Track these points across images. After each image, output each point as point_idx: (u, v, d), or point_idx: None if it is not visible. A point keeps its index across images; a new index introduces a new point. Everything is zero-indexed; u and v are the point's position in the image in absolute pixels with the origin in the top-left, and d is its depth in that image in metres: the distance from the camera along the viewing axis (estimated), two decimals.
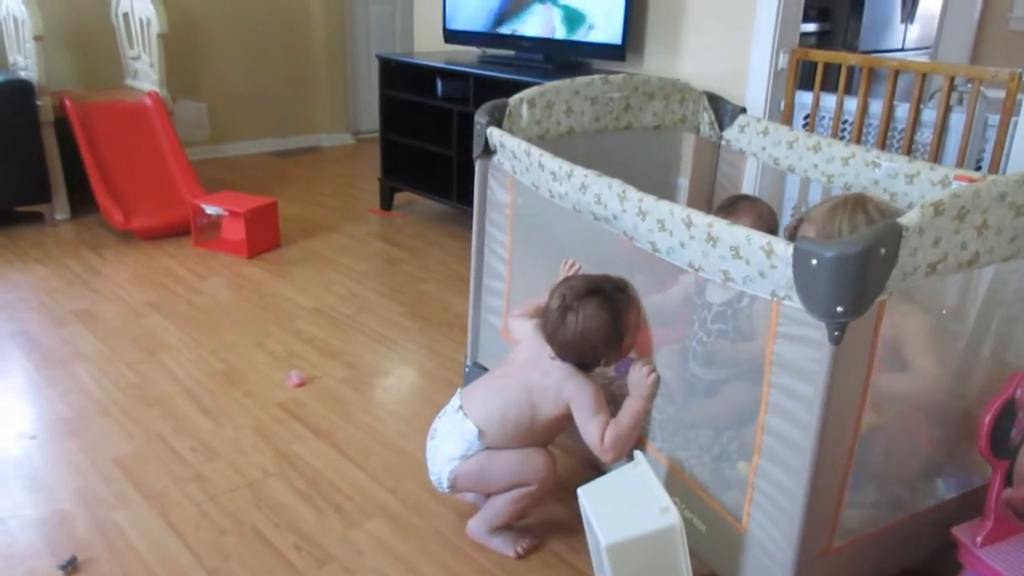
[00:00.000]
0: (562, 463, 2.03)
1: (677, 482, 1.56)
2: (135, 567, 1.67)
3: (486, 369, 2.18)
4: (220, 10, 4.85)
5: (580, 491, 1.56)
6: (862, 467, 1.41)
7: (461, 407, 1.70)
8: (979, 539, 1.40)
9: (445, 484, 1.70)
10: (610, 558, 1.39)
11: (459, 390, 1.77)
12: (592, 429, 1.62)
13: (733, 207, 2.06)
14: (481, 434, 1.65)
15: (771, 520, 1.34)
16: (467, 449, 1.66)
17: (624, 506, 1.47)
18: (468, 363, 2.24)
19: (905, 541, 1.50)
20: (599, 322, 1.58)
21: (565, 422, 1.69)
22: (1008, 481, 1.40)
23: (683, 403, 1.74)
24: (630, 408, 1.63)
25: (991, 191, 1.22)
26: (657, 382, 1.62)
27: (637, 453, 1.56)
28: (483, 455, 1.66)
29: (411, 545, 1.76)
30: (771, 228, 2.02)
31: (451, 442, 1.68)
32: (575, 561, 1.72)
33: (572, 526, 1.80)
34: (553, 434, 1.73)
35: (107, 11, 4.20)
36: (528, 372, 1.68)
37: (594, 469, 1.79)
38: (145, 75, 4.08)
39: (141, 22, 3.95)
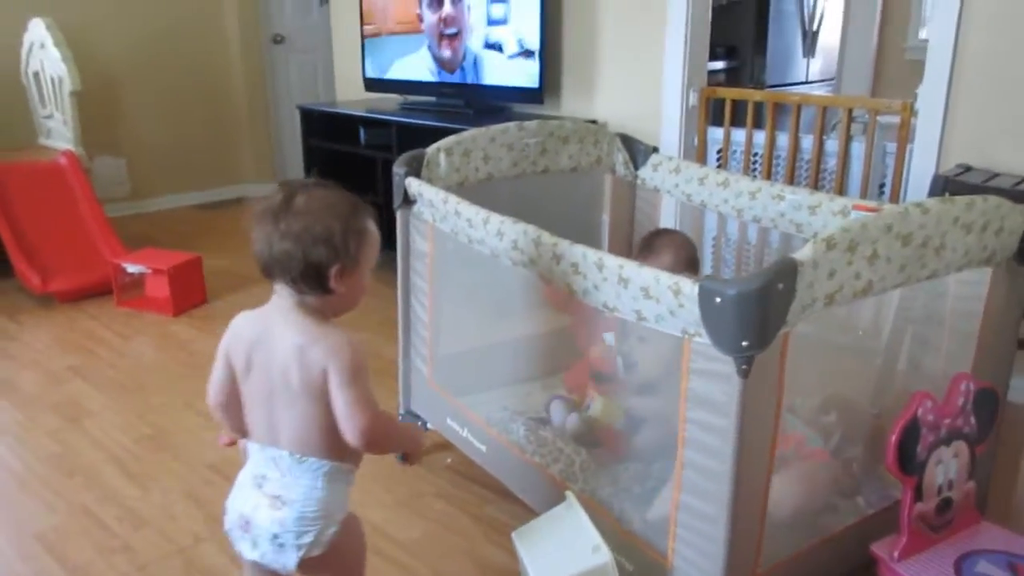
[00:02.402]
0: (499, 506, 2.04)
1: (601, 524, 1.57)
2: None
3: (419, 417, 2.19)
4: (136, 64, 4.79)
5: (514, 535, 1.58)
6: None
7: (283, 450, 1.31)
8: (896, 554, 1.46)
9: (299, 555, 1.30)
10: None
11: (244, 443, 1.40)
12: (354, 401, 1.25)
13: (652, 243, 2.13)
14: (331, 465, 1.31)
15: (696, 552, 1.37)
16: (322, 493, 1.31)
17: (557, 547, 1.49)
18: (401, 411, 2.24)
19: (830, 560, 1.55)
20: (335, 199, 1.28)
21: None
22: (919, 496, 1.47)
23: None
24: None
25: (878, 223, 1.29)
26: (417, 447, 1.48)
27: (568, 494, 1.58)
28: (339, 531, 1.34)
29: None
30: (691, 256, 2.09)
31: (301, 494, 1.30)
32: None
33: (511, 568, 1.80)
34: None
35: (16, 70, 4.11)
36: (273, 358, 1.30)
37: (531, 511, 1.81)
38: (59, 133, 4.00)
39: (52, 80, 3.88)
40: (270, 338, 1.31)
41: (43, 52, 3.88)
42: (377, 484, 2.16)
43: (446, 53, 3.66)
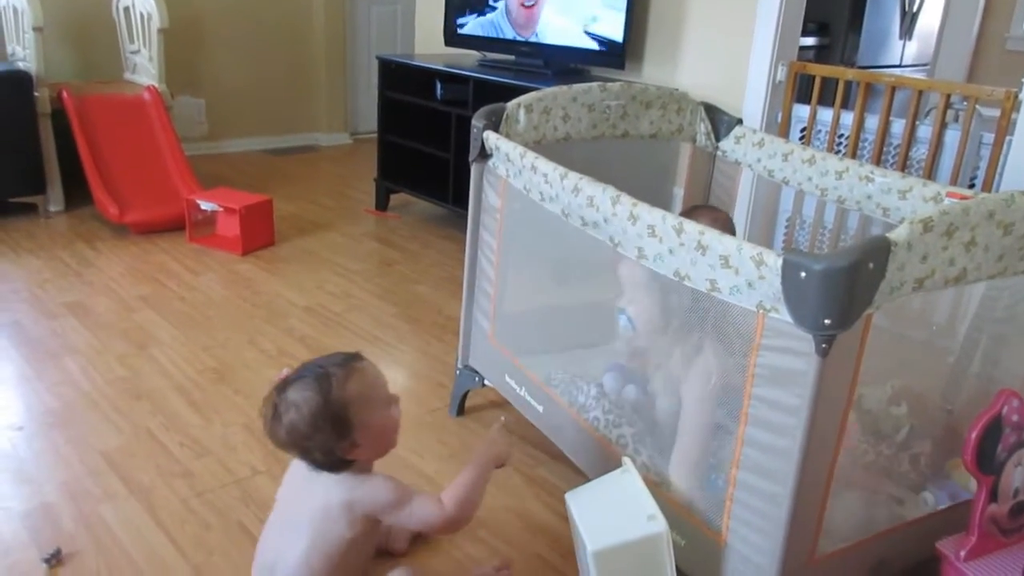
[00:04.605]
0: (550, 468, 2.04)
1: (655, 496, 1.55)
2: (119, 561, 1.67)
3: (476, 372, 2.19)
4: (222, 7, 4.85)
5: (568, 496, 1.56)
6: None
7: None
8: (963, 553, 1.41)
9: None
10: (596, 564, 1.39)
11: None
12: (419, 509, 1.42)
13: (690, 213, 2.07)
14: None
15: (753, 530, 1.34)
16: None
17: (611, 512, 1.47)
18: (459, 365, 2.24)
19: (891, 552, 1.51)
20: (303, 406, 1.36)
21: (371, 537, 1.49)
22: (993, 497, 1.41)
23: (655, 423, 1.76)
24: (468, 467, 1.49)
25: (979, 209, 1.23)
26: (503, 448, 1.54)
27: (626, 459, 1.56)
28: None
29: None
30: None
31: None
32: (561, 566, 1.72)
33: (560, 530, 1.80)
34: (365, 555, 1.52)
35: (108, 4, 4.20)
36: (305, 504, 1.45)
37: (583, 475, 1.80)
38: (144, 69, 4.08)
39: (142, 16, 3.95)
40: (299, 477, 1.47)
41: None
42: (431, 436, 2.17)
43: (522, 18, 3.62)
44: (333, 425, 1.36)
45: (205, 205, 3.48)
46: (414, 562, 1.71)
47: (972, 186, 2.70)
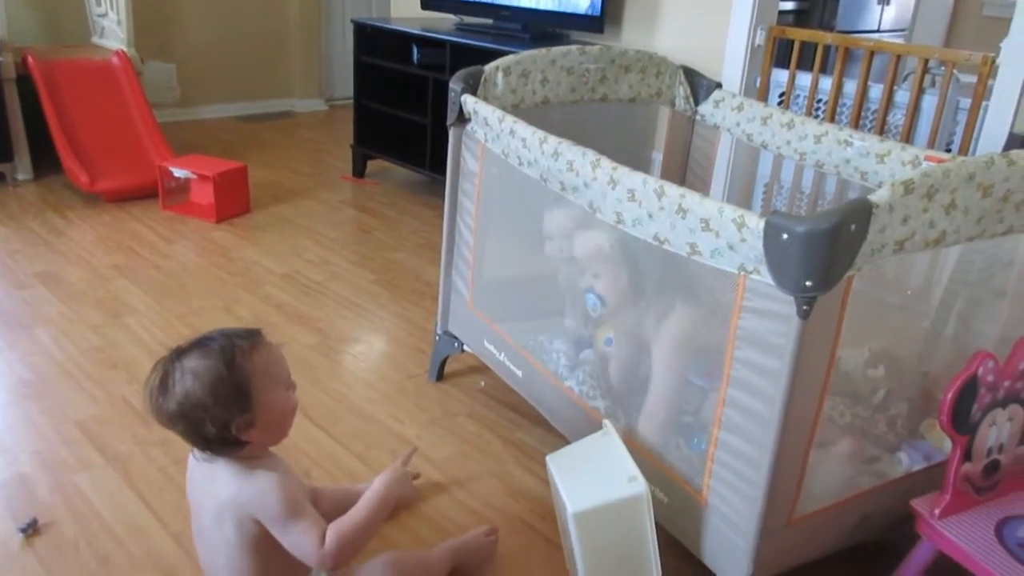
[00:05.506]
0: (530, 432, 2.05)
1: (636, 455, 1.57)
2: (96, 530, 1.65)
3: (455, 338, 2.18)
4: None
5: (548, 458, 1.57)
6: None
7: None
8: (937, 511, 1.43)
9: None
10: (576, 525, 1.40)
11: None
12: (298, 537, 1.28)
13: None
14: None
15: (733, 491, 1.35)
16: None
17: (592, 474, 1.48)
18: (438, 331, 2.24)
19: (868, 512, 1.53)
20: (203, 373, 1.26)
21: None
22: (968, 456, 1.43)
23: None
24: (366, 501, 1.37)
25: (960, 171, 1.23)
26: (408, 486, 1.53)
27: (605, 422, 1.57)
28: None
29: None
30: None
31: None
32: (542, 528, 1.73)
33: (540, 493, 1.81)
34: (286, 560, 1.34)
35: None
36: (206, 510, 1.35)
37: (563, 439, 1.80)
38: (112, 33, 3.98)
39: None
40: (209, 483, 1.34)
41: None
42: (411, 402, 2.17)
43: None
44: (234, 397, 1.26)
45: (178, 172, 3.42)
46: (393, 525, 1.71)
47: (949, 150, 2.71)
